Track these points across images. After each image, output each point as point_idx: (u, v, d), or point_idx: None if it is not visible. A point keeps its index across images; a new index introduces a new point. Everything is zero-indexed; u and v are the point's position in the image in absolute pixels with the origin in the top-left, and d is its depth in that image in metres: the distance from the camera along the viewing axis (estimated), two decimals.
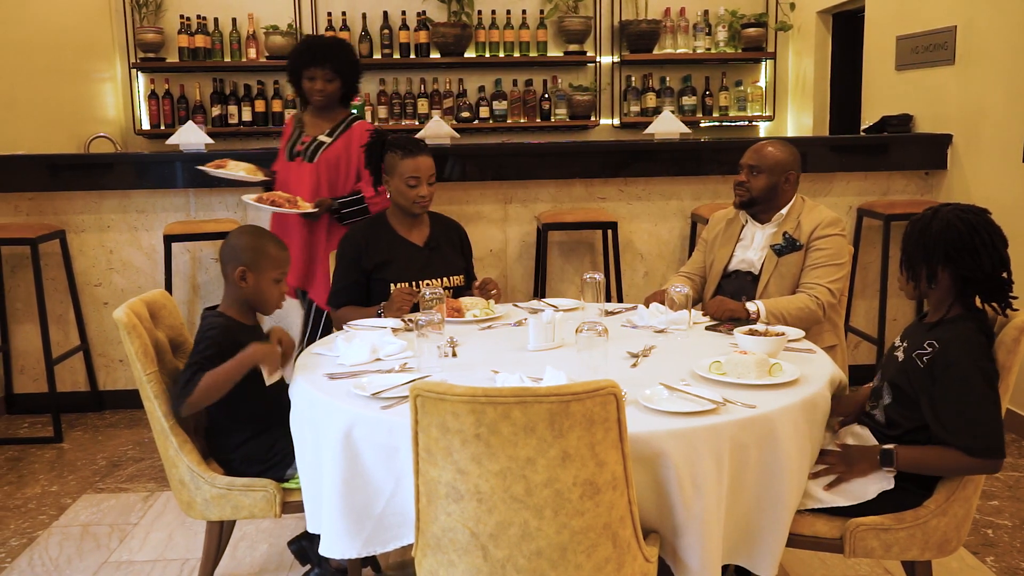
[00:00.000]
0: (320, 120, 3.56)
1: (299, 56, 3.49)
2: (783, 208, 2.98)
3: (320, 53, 3.44)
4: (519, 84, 6.33)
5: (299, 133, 3.56)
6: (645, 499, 1.85)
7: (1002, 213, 4.02)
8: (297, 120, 3.62)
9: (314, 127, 3.55)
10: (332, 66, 3.45)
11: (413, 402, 1.68)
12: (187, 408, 2.29)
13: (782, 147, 2.97)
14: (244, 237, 2.45)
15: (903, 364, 2.12)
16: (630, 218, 4.47)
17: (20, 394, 4.42)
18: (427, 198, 3.01)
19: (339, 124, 3.56)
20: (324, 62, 3.44)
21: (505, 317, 2.85)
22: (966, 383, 2.00)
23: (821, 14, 5.96)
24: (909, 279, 2.13)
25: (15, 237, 3.98)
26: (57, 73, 5.28)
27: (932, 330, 2.10)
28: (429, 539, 1.78)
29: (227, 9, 6.10)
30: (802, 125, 6.28)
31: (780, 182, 2.94)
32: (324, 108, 3.54)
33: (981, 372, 2.00)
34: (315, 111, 3.56)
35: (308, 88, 3.49)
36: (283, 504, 2.36)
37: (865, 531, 2.07)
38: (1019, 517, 3.13)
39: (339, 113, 3.59)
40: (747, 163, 2.97)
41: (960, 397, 2.00)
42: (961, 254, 2.04)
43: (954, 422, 2.00)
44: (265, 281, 2.42)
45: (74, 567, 2.88)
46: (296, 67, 3.50)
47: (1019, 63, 3.84)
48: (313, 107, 3.55)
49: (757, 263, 3.00)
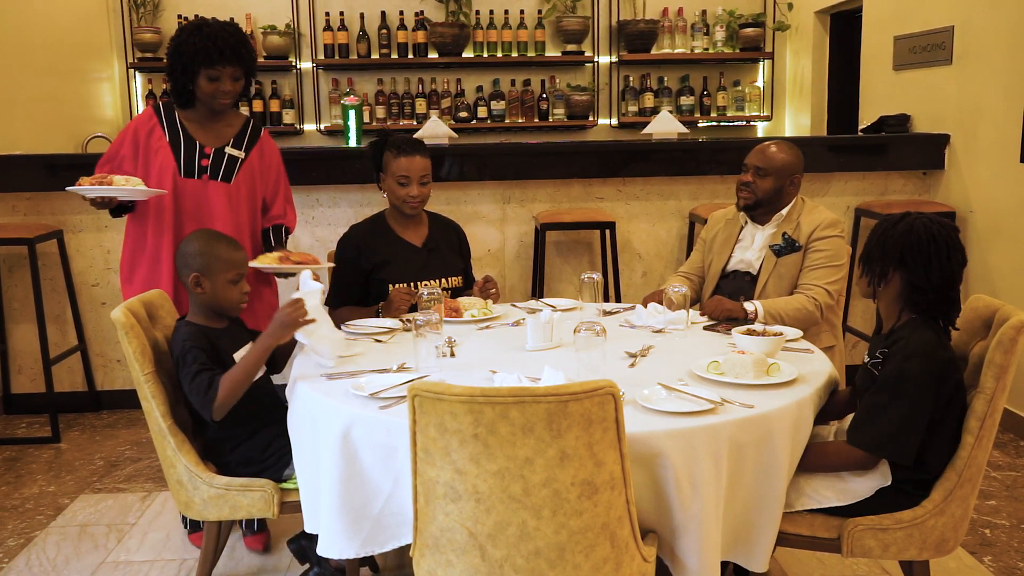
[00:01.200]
0: (214, 126, 2.92)
1: (199, 51, 2.76)
2: (783, 209, 2.98)
3: (228, 48, 2.77)
4: (517, 84, 6.34)
5: (190, 143, 2.87)
6: (643, 499, 1.85)
7: (1000, 213, 4.06)
8: (171, 125, 2.89)
9: (208, 136, 2.90)
10: (241, 64, 2.82)
11: (411, 402, 1.68)
12: (218, 412, 2.28)
13: (788, 149, 2.96)
14: (193, 243, 2.42)
15: (863, 375, 2.17)
16: (628, 218, 4.47)
17: (17, 394, 4.42)
18: (417, 198, 2.99)
19: (243, 132, 2.96)
20: (233, 59, 2.79)
21: (503, 317, 2.86)
22: (884, 387, 2.03)
23: (819, 14, 5.97)
24: (864, 274, 2.16)
25: (13, 237, 3.97)
26: (55, 73, 5.27)
27: (885, 339, 2.13)
28: (427, 539, 1.78)
29: (224, 9, 6.09)
30: (800, 125, 6.28)
31: (785, 184, 2.94)
32: (220, 113, 2.91)
33: (901, 379, 2.01)
34: (205, 115, 2.90)
35: (209, 90, 2.80)
36: (281, 504, 2.36)
37: (863, 531, 2.08)
38: (1017, 517, 3.13)
39: (235, 118, 2.99)
40: (753, 164, 2.95)
41: (875, 396, 2.03)
42: (914, 259, 2.06)
43: (859, 414, 2.05)
44: (221, 284, 2.39)
45: (72, 567, 2.88)
46: (192, 64, 2.77)
47: (1016, 63, 3.84)
48: (206, 111, 2.89)
49: (756, 264, 3.00)
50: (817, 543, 2.12)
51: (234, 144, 2.93)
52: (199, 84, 2.80)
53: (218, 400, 2.25)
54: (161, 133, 2.87)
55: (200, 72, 2.78)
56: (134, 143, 2.88)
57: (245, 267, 2.46)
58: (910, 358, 2.02)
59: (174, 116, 2.90)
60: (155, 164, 2.85)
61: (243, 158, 2.93)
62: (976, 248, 4.18)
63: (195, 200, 2.87)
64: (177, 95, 2.87)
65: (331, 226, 4.34)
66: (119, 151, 2.90)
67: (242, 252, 2.46)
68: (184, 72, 2.80)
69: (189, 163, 2.86)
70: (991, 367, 2.05)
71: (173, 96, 2.89)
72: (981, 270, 4.16)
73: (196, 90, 2.82)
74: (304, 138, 6.32)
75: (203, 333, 2.37)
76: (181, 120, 2.90)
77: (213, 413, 2.27)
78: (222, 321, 2.46)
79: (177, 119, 2.90)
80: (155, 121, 2.89)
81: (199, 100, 2.85)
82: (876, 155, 4.48)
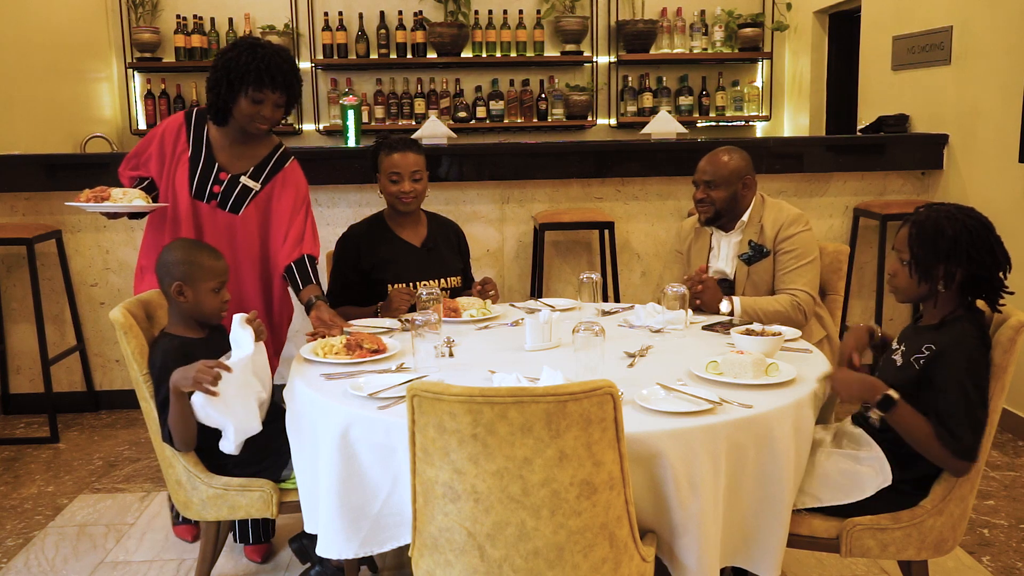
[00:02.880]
0: (241, 149, 2.82)
1: (249, 72, 2.65)
2: (744, 215, 2.96)
3: (280, 75, 2.68)
4: (516, 84, 6.34)
5: (209, 163, 2.79)
6: (642, 499, 1.85)
7: (998, 213, 4.04)
8: (198, 139, 2.80)
9: (232, 159, 2.81)
10: (289, 92, 2.73)
11: (410, 402, 1.67)
12: (182, 447, 2.32)
13: (732, 153, 2.94)
14: (175, 252, 2.41)
15: (901, 368, 2.13)
16: (627, 218, 4.47)
17: (16, 394, 4.41)
18: (410, 194, 2.99)
19: (266, 161, 2.84)
20: (282, 86, 2.70)
21: (502, 317, 2.86)
22: (961, 386, 2.00)
23: (817, 14, 5.97)
24: (923, 281, 2.10)
25: (11, 237, 3.97)
26: (54, 73, 5.27)
27: (931, 332, 2.10)
28: (426, 539, 1.78)
29: (223, 9, 6.10)
30: (799, 125, 6.29)
31: (738, 189, 2.92)
32: (254, 136, 2.82)
33: (974, 377, 2.01)
34: (236, 136, 2.81)
35: (249, 112, 2.69)
36: (280, 504, 2.36)
37: (861, 531, 2.08)
38: (1015, 517, 3.13)
39: (266, 143, 2.87)
40: (702, 179, 2.93)
41: (954, 398, 2.00)
42: (981, 254, 2.04)
43: (944, 415, 2.01)
44: (203, 293, 2.37)
45: (70, 567, 2.88)
46: (239, 83, 2.67)
47: (1015, 63, 3.84)
48: (238, 131, 2.79)
49: (730, 273, 3.00)
50: (816, 543, 2.12)
51: (252, 174, 2.83)
52: (239, 104, 2.69)
53: (176, 445, 2.31)
54: (185, 145, 2.80)
55: (244, 92, 2.67)
56: (160, 145, 2.81)
57: (227, 275, 2.44)
58: (979, 360, 2.02)
59: (203, 131, 2.81)
60: (178, 173, 2.79)
61: (257, 190, 2.82)
62: None
63: (197, 221, 2.80)
64: (214, 110, 2.75)
65: (330, 226, 4.34)
66: (147, 149, 2.83)
67: (223, 261, 2.44)
68: (229, 88, 2.68)
69: (201, 186, 2.78)
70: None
71: (209, 110, 2.78)
72: None
73: (234, 109, 2.71)
74: (303, 138, 6.32)
75: (182, 347, 2.35)
76: (208, 136, 2.81)
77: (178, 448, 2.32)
78: (202, 330, 2.44)
79: (205, 134, 2.81)
80: (184, 130, 2.81)
81: (234, 119, 2.75)
82: (875, 155, 4.48)
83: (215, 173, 2.79)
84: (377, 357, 2.36)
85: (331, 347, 2.41)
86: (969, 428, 1.99)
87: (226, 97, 2.70)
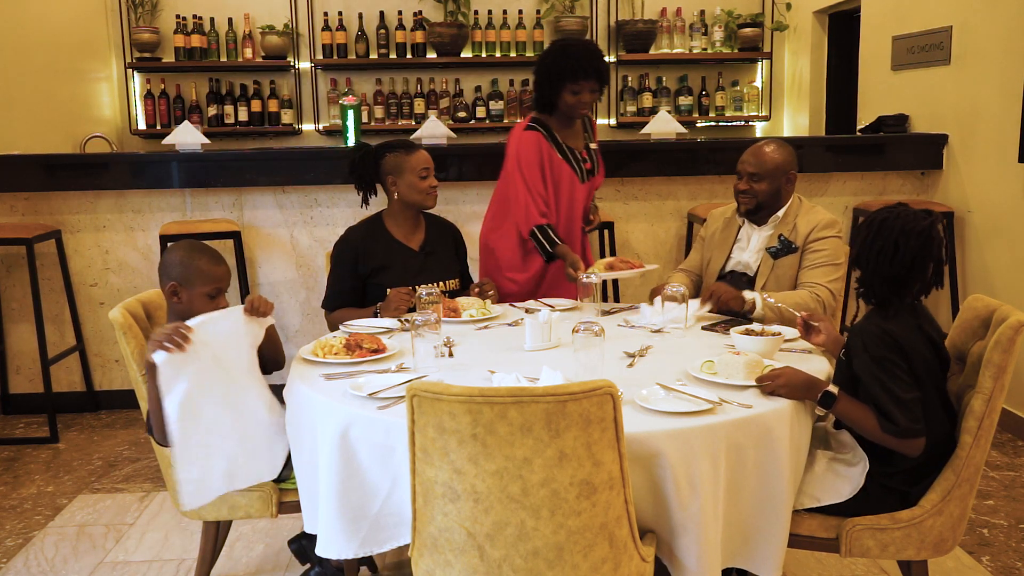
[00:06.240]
0: (572, 133, 3.37)
1: (567, 68, 3.18)
2: (780, 210, 2.97)
3: (593, 65, 3.19)
4: (515, 84, 6.33)
5: (568, 149, 3.33)
6: (642, 499, 1.85)
7: (998, 212, 4.06)
8: (548, 133, 3.31)
9: (571, 141, 3.36)
10: (600, 79, 3.23)
11: (410, 402, 1.67)
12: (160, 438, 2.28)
13: (780, 148, 2.95)
14: (176, 253, 2.38)
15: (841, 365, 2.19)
16: (627, 218, 4.47)
17: (16, 394, 4.41)
18: (436, 188, 3.08)
19: (585, 136, 3.42)
20: (597, 76, 3.21)
21: (501, 317, 2.86)
22: (876, 379, 2.02)
23: (817, 14, 5.97)
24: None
25: (11, 237, 3.97)
26: (53, 73, 5.27)
27: (851, 330, 2.15)
28: (426, 539, 1.78)
29: (223, 9, 6.09)
30: (798, 125, 6.29)
31: (782, 183, 2.93)
32: (574, 120, 3.35)
33: (885, 371, 2.01)
34: (564, 123, 3.34)
35: (572, 102, 3.22)
36: (279, 504, 2.36)
37: (861, 531, 2.08)
38: (1015, 517, 3.13)
39: (578, 124, 3.41)
40: (747, 170, 2.92)
41: (875, 391, 2.02)
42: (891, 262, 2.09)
43: (876, 404, 2.03)
44: (197, 297, 2.34)
45: (70, 567, 2.88)
46: (559, 78, 3.19)
47: (1014, 63, 3.85)
48: (566, 120, 3.32)
49: (753, 265, 2.99)
50: (816, 543, 2.13)
51: (585, 148, 3.38)
52: (563, 96, 3.21)
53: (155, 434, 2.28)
54: (549, 148, 3.29)
55: (564, 86, 3.19)
56: (540, 166, 3.26)
57: (225, 282, 2.39)
58: (873, 348, 2.04)
59: (551, 130, 3.31)
60: (563, 177, 3.31)
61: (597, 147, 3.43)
62: (974, 248, 4.19)
63: (575, 202, 3.36)
64: (542, 103, 3.30)
65: (329, 226, 4.34)
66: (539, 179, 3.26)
67: (223, 267, 2.40)
68: (550, 85, 3.23)
69: (581, 168, 3.35)
70: (989, 367, 2.05)
71: (537, 106, 3.33)
72: (979, 270, 4.17)
73: (558, 102, 3.24)
74: (302, 138, 6.32)
75: None
76: (552, 129, 3.31)
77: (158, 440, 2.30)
78: None
79: (553, 133, 3.31)
80: (544, 141, 3.28)
81: (559, 110, 3.27)
82: (874, 155, 4.49)
83: (575, 156, 3.35)
84: (377, 357, 2.37)
85: (331, 347, 2.41)
86: (899, 411, 2.00)
87: (550, 94, 3.26)
